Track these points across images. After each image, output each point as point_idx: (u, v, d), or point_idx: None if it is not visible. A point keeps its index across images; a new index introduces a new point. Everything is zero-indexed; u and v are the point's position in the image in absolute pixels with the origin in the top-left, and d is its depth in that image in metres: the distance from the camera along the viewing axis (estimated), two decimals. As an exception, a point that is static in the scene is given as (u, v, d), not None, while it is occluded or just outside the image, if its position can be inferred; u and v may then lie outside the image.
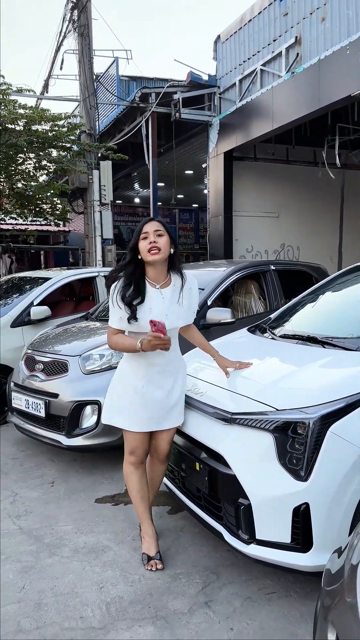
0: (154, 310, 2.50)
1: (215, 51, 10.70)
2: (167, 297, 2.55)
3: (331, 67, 7.48)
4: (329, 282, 3.77)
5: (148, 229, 2.51)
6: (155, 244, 2.48)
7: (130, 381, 2.62)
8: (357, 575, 1.41)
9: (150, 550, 2.65)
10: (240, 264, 5.04)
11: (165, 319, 2.46)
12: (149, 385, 2.59)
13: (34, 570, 2.67)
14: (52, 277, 5.91)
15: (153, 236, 2.50)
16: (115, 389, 2.71)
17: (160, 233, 2.52)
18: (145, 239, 2.50)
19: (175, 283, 2.60)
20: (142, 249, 2.50)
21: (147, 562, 2.62)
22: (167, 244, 2.53)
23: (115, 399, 2.69)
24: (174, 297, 2.57)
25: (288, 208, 11.21)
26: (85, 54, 9.88)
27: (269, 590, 2.44)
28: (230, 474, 2.37)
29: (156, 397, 2.61)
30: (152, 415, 2.62)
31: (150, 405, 2.61)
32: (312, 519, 2.17)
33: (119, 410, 2.66)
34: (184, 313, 2.62)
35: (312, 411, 2.23)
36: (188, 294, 2.62)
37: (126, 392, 2.63)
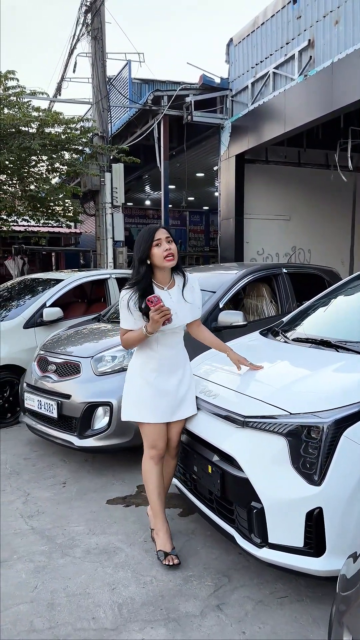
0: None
1: (227, 54, 10.72)
2: (174, 297, 2.71)
3: (344, 71, 7.46)
4: (342, 285, 3.75)
5: (160, 235, 2.62)
6: (170, 251, 2.62)
7: (143, 375, 2.74)
8: None
9: (166, 546, 2.69)
10: (252, 267, 5.03)
11: (175, 317, 2.64)
12: (161, 376, 2.72)
13: (46, 570, 2.68)
14: (65, 279, 5.94)
15: (166, 243, 2.62)
16: (129, 386, 2.82)
17: (170, 239, 2.65)
18: (159, 246, 2.61)
19: (179, 283, 2.76)
20: (158, 256, 2.61)
21: (164, 558, 2.65)
22: (177, 250, 2.67)
23: (131, 396, 2.80)
24: (180, 296, 2.73)
25: (299, 211, 11.18)
26: (99, 57, 9.93)
27: (280, 594, 2.43)
28: (242, 477, 2.37)
29: (169, 387, 2.73)
30: (168, 404, 2.73)
31: (163, 396, 2.72)
32: (326, 524, 2.17)
33: (136, 406, 2.76)
34: (190, 309, 2.78)
35: (326, 415, 2.23)
36: (190, 291, 2.78)
37: (140, 387, 2.74)
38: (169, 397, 2.73)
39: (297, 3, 8.63)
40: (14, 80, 9.12)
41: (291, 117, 8.62)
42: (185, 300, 2.74)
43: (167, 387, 2.73)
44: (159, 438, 2.76)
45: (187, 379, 2.83)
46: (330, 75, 7.73)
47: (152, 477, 2.77)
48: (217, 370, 3.13)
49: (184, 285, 2.75)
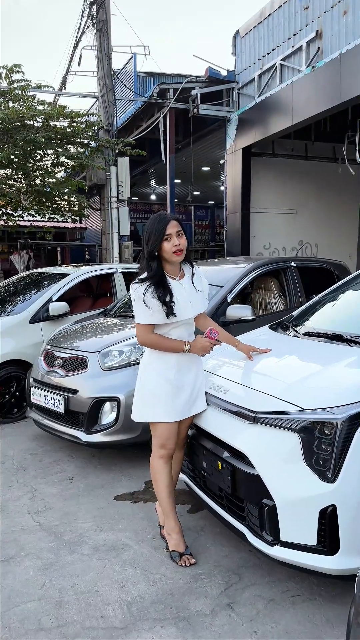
0: (180, 300, 2.60)
1: (234, 46, 10.60)
2: (187, 287, 2.68)
3: (353, 61, 7.34)
4: (352, 279, 3.69)
5: (171, 230, 2.56)
6: (179, 247, 2.58)
7: (161, 372, 2.67)
8: None
9: (179, 546, 2.66)
10: (260, 261, 4.97)
11: (190, 306, 2.64)
12: (181, 372, 2.68)
13: (54, 567, 2.65)
14: (71, 274, 5.90)
15: (176, 238, 2.57)
16: (144, 384, 2.72)
17: (180, 233, 2.60)
18: (169, 241, 2.56)
19: (187, 273, 2.73)
20: (167, 250, 2.57)
21: (179, 559, 2.61)
22: (185, 242, 2.62)
23: (147, 394, 2.71)
24: (191, 286, 2.70)
25: (306, 205, 11.08)
26: (104, 50, 9.85)
27: (293, 593, 2.39)
28: (254, 473, 2.32)
29: (188, 382, 2.70)
30: (185, 401, 2.69)
31: (183, 391, 2.68)
32: (339, 522, 2.12)
33: (150, 405, 2.69)
34: (202, 299, 2.76)
35: (339, 411, 2.17)
36: (199, 281, 2.75)
37: (158, 384, 2.67)
38: (186, 393, 2.69)
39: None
40: (20, 73, 9.07)
41: (298, 109, 8.51)
42: (197, 289, 2.71)
43: (186, 382, 2.69)
44: (171, 437, 2.70)
45: (201, 373, 2.80)
46: (338, 66, 7.62)
47: (162, 476, 2.72)
48: (225, 365, 3.08)
49: (192, 274, 2.72)
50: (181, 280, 2.68)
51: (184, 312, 2.61)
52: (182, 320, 2.63)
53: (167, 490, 2.71)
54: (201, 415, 2.79)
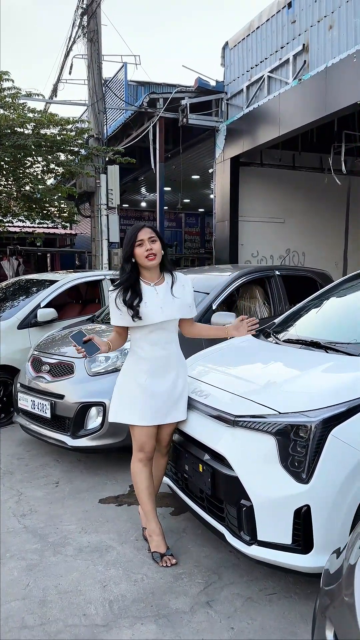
0: (149, 305, 2.69)
1: (223, 57, 10.78)
2: (161, 293, 2.74)
3: (338, 75, 7.53)
4: (333, 287, 3.80)
5: (143, 236, 2.67)
6: (152, 251, 2.67)
7: (133, 376, 2.77)
8: (354, 574, 1.45)
9: (160, 547, 2.72)
10: (245, 269, 5.08)
11: (159, 311, 2.69)
12: (152, 378, 2.74)
13: (38, 568, 2.71)
14: (59, 280, 5.97)
15: (148, 243, 2.67)
16: (120, 387, 2.85)
17: (154, 239, 2.70)
18: (141, 246, 2.67)
19: (168, 281, 2.80)
20: (140, 255, 2.68)
21: (160, 559, 2.68)
22: (160, 249, 2.72)
23: (121, 397, 2.82)
24: (167, 292, 2.76)
25: (294, 214, 11.25)
26: (95, 59, 9.98)
27: (269, 591, 2.47)
28: (232, 475, 2.40)
29: (160, 390, 2.74)
30: (158, 408, 2.74)
31: (155, 398, 2.73)
32: (313, 521, 2.20)
33: (125, 407, 2.78)
34: (179, 307, 2.79)
35: (314, 415, 2.27)
36: (181, 290, 2.80)
37: (131, 388, 2.77)
38: (160, 399, 2.74)
39: (292, 8, 8.70)
40: (9, 81, 9.16)
41: (286, 120, 8.68)
42: (174, 296, 2.76)
43: (158, 389, 2.74)
44: (148, 441, 2.78)
45: (180, 382, 2.82)
46: (324, 79, 7.80)
47: (141, 478, 2.80)
48: (210, 372, 3.17)
49: (173, 282, 2.78)
50: (157, 286, 2.75)
51: (151, 316, 2.67)
52: (150, 324, 2.69)
53: (146, 492, 2.78)
54: (184, 420, 2.87)
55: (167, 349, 2.78)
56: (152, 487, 2.83)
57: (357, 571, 1.44)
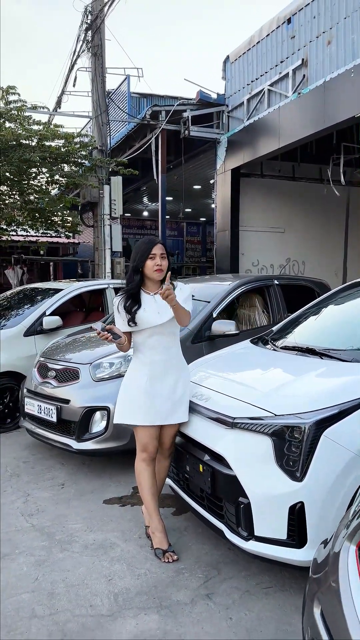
0: (147, 310, 2.88)
1: (224, 71, 11.01)
2: (159, 300, 2.88)
3: (336, 89, 7.73)
4: (329, 296, 3.96)
5: (156, 251, 2.89)
6: (160, 267, 2.89)
7: (135, 380, 2.95)
8: (338, 560, 1.58)
9: (163, 544, 2.86)
10: (245, 278, 5.24)
11: (157, 316, 2.88)
12: (152, 381, 2.91)
13: (46, 563, 2.84)
14: (64, 289, 6.13)
15: (159, 259, 2.89)
16: (123, 391, 3.02)
17: (164, 255, 2.92)
18: (153, 260, 2.88)
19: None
20: (149, 267, 2.89)
21: (162, 556, 2.81)
22: (167, 265, 2.93)
23: (125, 399, 2.98)
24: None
25: (294, 224, 11.43)
26: (98, 73, 10.20)
27: (266, 585, 2.60)
28: (231, 474, 2.54)
29: (160, 392, 2.91)
30: (158, 409, 2.90)
31: (156, 399, 2.89)
32: (307, 517, 2.34)
33: (129, 409, 2.95)
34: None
35: (307, 417, 2.41)
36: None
37: (133, 391, 2.94)
38: (161, 400, 2.89)
39: (292, 23, 8.92)
40: (15, 94, 9.39)
41: (285, 133, 8.88)
42: None
43: (159, 391, 2.90)
44: (150, 441, 2.92)
45: (180, 386, 2.97)
46: (322, 93, 8.00)
47: (145, 479, 2.94)
48: (210, 377, 3.31)
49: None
50: (156, 296, 2.92)
51: (148, 320, 2.86)
52: (147, 327, 2.87)
53: (150, 492, 2.92)
54: (186, 423, 3.02)
55: (166, 353, 2.94)
56: (155, 486, 2.97)
57: (341, 557, 1.58)
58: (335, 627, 1.38)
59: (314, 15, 8.37)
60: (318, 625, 1.44)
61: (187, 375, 3.07)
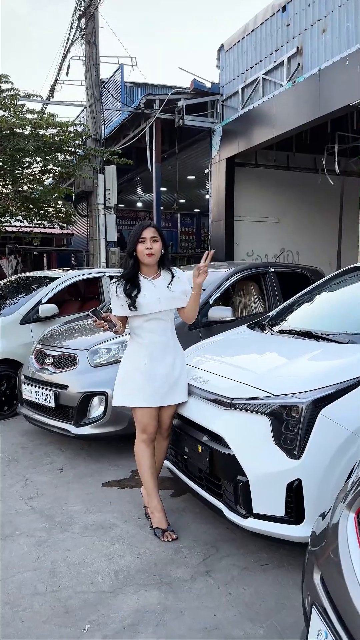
0: (147, 296, 2.91)
1: (218, 59, 10.97)
2: (158, 286, 2.96)
3: (331, 77, 7.73)
4: (323, 283, 3.99)
5: (146, 234, 2.90)
6: (151, 250, 2.90)
7: (134, 362, 2.99)
8: (338, 529, 1.63)
9: (162, 523, 2.90)
10: (240, 266, 5.27)
11: (157, 302, 2.91)
12: (152, 362, 2.94)
13: (47, 544, 2.88)
14: (60, 277, 6.14)
15: (150, 242, 2.90)
16: (122, 373, 3.06)
17: (156, 239, 2.92)
18: (143, 243, 2.90)
19: (165, 276, 3.01)
20: (140, 252, 2.91)
21: (162, 535, 2.86)
22: (160, 249, 2.94)
23: (123, 382, 3.03)
24: (164, 285, 2.97)
25: (288, 213, 11.46)
26: (92, 61, 10.15)
27: (264, 562, 2.65)
28: (229, 454, 2.58)
29: (159, 372, 2.95)
30: (157, 390, 2.94)
31: (155, 380, 2.93)
32: (304, 494, 2.39)
33: (128, 391, 2.99)
34: (177, 297, 3.00)
35: (304, 396, 2.45)
36: (177, 282, 3.01)
37: (132, 373, 2.98)
38: (159, 381, 2.94)
39: (286, 11, 8.90)
40: (8, 83, 9.33)
41: (280, 121, 8.89)
42: (171, 290, 2.97)
43: (157, 372, 2.94)
44: (150, 422, 2.97)
45: (178, 366, 3.03)
46: (317, 81, 8.00)
47: (144, 459, 2.99)
48: (208, 360, 3.35)
49: (172, 278, 2.99)
50: (154, 280, 2.97)
51: (149, 306, 2.90)
52: (147, 313, 2.91)
53: (149, 472, 2.97)
54: (184, 405, 3.05)
55: (164, 335, 2.99)
56: (155, 466, 3.02)
57: (340, 525, 1.62)
58: (335, 590, 1.42)
59: (308, 3, 8.35)
60: (318, 589, 1.49)
61: (183, 356, 3.13)
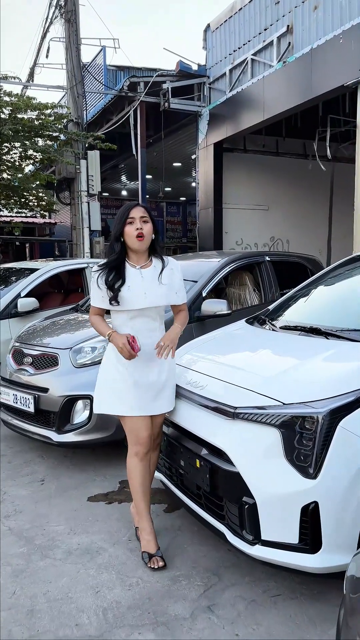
0: (132, 288, 2.53)
1: (204, 40, 10.56)
2: (146, 277, 2.58)
3: (324, 57, 7.37)
4: (328, 272, 3.66)
5: (134, 214, 2.53)
6: (142, 231, 2.52)
7: (115, 365, 2.61)
8: None
9: (150, 547, 2.55)
10: (234, 255, 4.91)
11: (143, 297, 2.53)
12: (135, 367, 2.56)
13: (25, 574, 2.52)
14: (40, 268, 5.74)
15: (139, 222, 2.53)
16: (102, 376, 2.69)
17: (146, 219, 2.56)
18: (132, 224, 2.53)
19: (156, 265, 2.63)
20: (129, 234, 2.53)
21: (148, 560, 2.51)
22: (151, 231, 2.58)
23: (105, 387, 2.66)
24: (154, 277, 2.59)
25: (278, 201, 11.13)
26: (73, 41, 9.65)
27: (274, 593, 2.33)
28: (233, 471, 2.25)
29: (146, 378, 2.58)
30: (142, 397, 2.58)
31: (138, 387, 2.57)
32: (322, 519, 2.06)
33: (111, 397, 2.62)
34: (165, 292, 2.61)
35: (320, 405, 2.12)
36: (169, 274, 2.63)
37: (113, 377, 2.61)
38: (145, 388, 2.58)
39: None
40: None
41: (270, 104, 8.51)
42: (161, 282, 2.58)
43: (143, 378, 2.58)
44: (141, 432, 2.59)
45: (165, 371, 2.65)
46: (309, 61, 7.64)
47: (136, 475, 2.61)
48: (205, 361, 3.01)
49: (162, 268, 2.62)
50: (143, 270, 2.59)
51: (132, 301, 2.52)
52: (130, 309, 2.54)
53: (140, 490, 2.61)
54: (178, 412, 2.71)
55: (151, 337, 2.59)
56: (148, 484, 2.66)
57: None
58: None
59: (300, -22, 7.96)
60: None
61: (172, 361, 2.72)
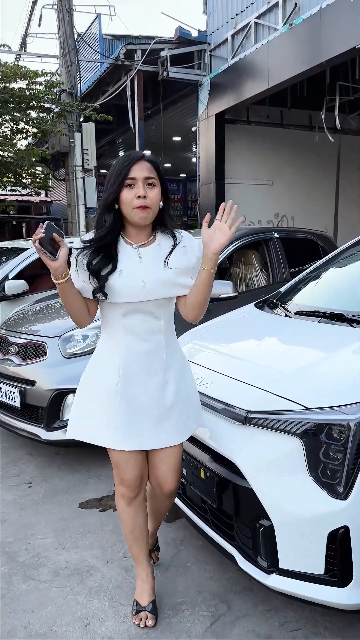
0: (126, 274, 1.80)
1: (205, 4, 9.94)
2: (146, 259, 1.84)
3: (333, 17, 6.84)
4: (346, 249, 3.26)
5: (137, 173, 1.76)
6: (145, 201, 1.76)
7: (102, 375, 1.91)
8: None
9: (142, 598, 2.05)
10: (239, 232, 4.50)
11: (140, 286, 1.81)
12: (127, 380, 1.87)
13: (4, 600, 2.19)
14: (30, 248, 5.33)
15: (143, 186, 1.77)
16: (82, 389, 1.99)
17: (152, 181, 1.79)
18: (131, 188, 1.77)
19: (161, 242, 1.89)
20: (126, 202, 1.77)
21: (135, 614, 2.04)
22: (159, 198, 1.82)
23: (83, 404, 1.98)
24: (157, 258, 1.86)
25: (282, 175, 10.63)
26: (65, 4, 9.07)
27: (292, 626, 1.99)
28: (245, 487, 1.89)
29: (139, 399, 1.88)
30: (132, 424, 1.87)
31: (132, 409, 1.87)
32: (353, 546, 1.71)
33: (91, 420, 1.93)
34: (172, 279, 1.86)
35: (352, 410, 1.75)
36: (180, 255, 1.87)
37: (98, 392, 1.91)
38: (139, 410, 1.88)
39: None
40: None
41: (275, 71, 7.99)
42: (167, 266, 1.84)
43: (136, 397, 1.87)
44: (129, 471, 1.93)
45: (172, 389, 1.91)
46: (317, 23, 7.10)
47: (125, 520, 2.03)
48: (209, 353, 2.65)
49: (173, 246, 1.87)
50: (142, 249, 1.85)
51: (125, 292, 1.80)
52: (122, 302, 1.82)
53: (131, 536, 2.04)
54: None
55: (151, 340, 1.88)
56: (142, 528, 2.05)
57: None
58: None
59: None
60: None
61: (183, 373, 1.99)
